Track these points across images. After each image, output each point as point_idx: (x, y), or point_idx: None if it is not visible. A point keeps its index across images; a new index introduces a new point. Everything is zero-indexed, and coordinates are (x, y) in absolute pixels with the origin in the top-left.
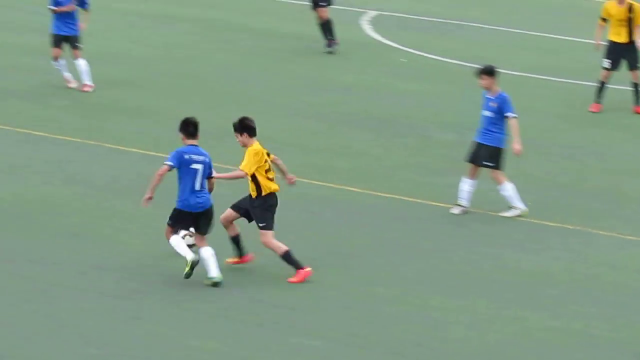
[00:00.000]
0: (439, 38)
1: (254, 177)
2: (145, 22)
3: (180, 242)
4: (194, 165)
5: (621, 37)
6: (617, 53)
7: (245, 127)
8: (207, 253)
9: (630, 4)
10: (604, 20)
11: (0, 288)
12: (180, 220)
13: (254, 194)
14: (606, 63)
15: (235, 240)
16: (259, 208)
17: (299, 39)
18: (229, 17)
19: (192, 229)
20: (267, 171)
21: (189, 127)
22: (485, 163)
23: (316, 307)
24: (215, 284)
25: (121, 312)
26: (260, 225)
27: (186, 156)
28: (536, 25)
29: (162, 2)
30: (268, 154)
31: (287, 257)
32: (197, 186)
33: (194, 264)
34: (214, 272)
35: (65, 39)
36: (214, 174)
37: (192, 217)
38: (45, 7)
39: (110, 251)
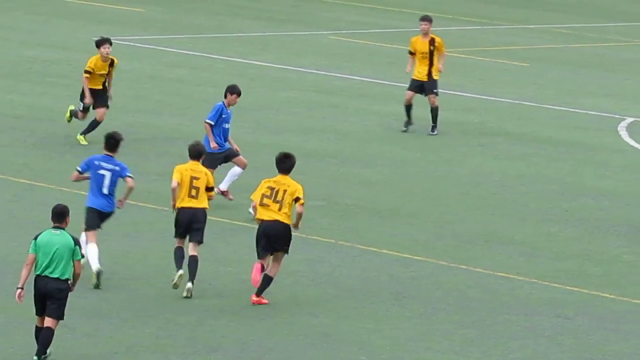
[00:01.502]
0: None
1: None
2: (399, 124)
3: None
4: (101, 172)
5: None
6: None
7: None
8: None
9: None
10: None
11: None
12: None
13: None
14: None
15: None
16: None
17: (554, 145)
18: (485, 121)
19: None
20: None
21: (110, 141)
22: None
23: None
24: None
25: None
26: None
27: (96, 162)
28: None
29: (417, 105)
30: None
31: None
32: (105, 190)
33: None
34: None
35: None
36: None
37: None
38: None
39: (363, 352)
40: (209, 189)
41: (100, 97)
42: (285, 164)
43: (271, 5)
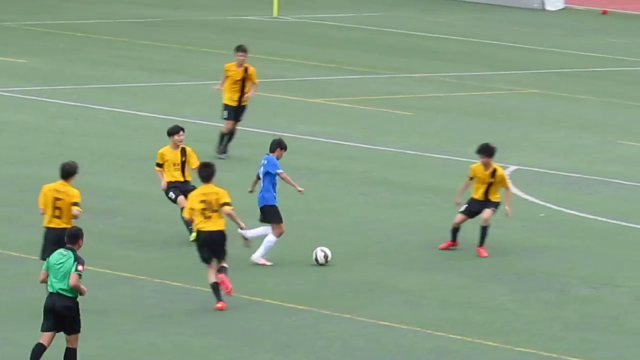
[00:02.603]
0: (577, 193)
1: None
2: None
3: None
4: None
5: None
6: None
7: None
8: None
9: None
10: None
11: None
12: None
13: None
14: None
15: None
16: None
17: (438, 193)
18: (368, 170)
19: None
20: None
21: None
22: None
23: None
24: None
25: None
26: None
27: None
28: None
29: (301, 154)
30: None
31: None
32: None
33: None
34: None
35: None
36: None
37: None
38: None
39: None
40: (72, 204)
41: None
42: (205, 172)
43: (154, 56)
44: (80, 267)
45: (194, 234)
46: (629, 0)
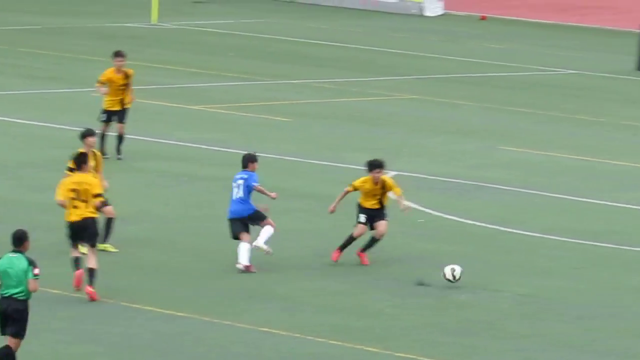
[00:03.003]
0: (456, 198)
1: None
2: (164, 180)
3: None
4: None
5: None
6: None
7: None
8: None
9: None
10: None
11: None
12: None
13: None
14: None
15: None
16: None
17: (317, 200)
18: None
19: None
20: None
21: None
22: None
23: None
24: None
25: None
26: None
27: None
28: (556, 187)
29: (181, 161)
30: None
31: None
32: None
33: None
34: None
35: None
36: None
37: None
38: None
39: None
40: None
41: None
42: (79, 160)
43: (33, 63)
44: (36, 271)
45: (105, 245)
46: (508, 5)
